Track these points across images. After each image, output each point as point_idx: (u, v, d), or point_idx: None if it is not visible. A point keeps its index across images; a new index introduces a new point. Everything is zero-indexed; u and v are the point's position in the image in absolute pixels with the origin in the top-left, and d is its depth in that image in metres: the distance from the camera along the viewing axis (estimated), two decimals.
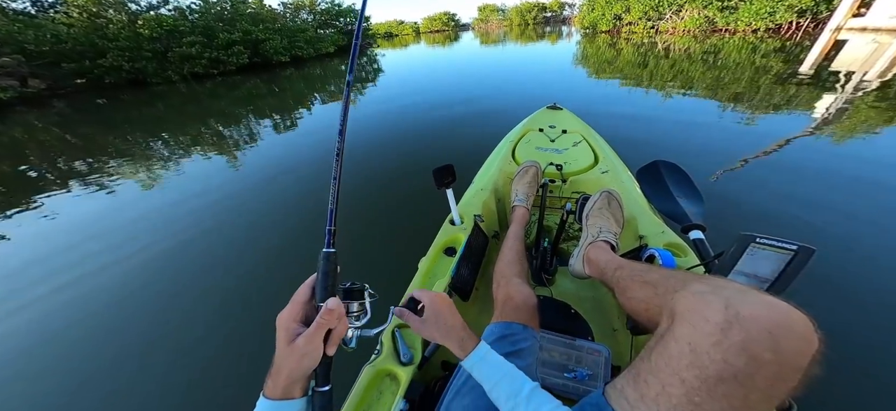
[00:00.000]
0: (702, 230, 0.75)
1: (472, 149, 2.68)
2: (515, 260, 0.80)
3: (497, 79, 6.15)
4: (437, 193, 0.97)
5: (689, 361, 0.32)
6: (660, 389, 0.33)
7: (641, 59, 7.03)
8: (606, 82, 5.01)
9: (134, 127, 5.25)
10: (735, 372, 0.29)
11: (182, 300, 1.51)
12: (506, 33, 23.18)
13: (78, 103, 7.88)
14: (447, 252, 0.93)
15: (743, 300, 0.31)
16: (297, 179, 2.69)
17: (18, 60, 8.99)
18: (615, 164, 1.24)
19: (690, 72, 5.24)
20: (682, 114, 3.23)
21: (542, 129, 1.54)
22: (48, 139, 4.90)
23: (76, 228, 2.25)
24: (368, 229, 1.86)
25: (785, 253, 0.47)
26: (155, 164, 3.38)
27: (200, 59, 11.36)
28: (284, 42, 13.81)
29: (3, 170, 3.68)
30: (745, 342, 0.29)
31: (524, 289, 0.70)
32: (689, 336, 0.33)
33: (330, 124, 4.31)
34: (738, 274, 0.51)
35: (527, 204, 1.02)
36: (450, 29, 46.58)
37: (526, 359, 0.57)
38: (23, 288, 1.69)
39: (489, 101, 4.40)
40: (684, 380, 0.31)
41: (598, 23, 15.84)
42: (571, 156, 1.28)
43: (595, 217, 0.82)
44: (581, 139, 1.40)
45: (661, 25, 13.47)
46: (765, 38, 9.01)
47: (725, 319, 0.31)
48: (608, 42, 11.16)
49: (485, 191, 1.15)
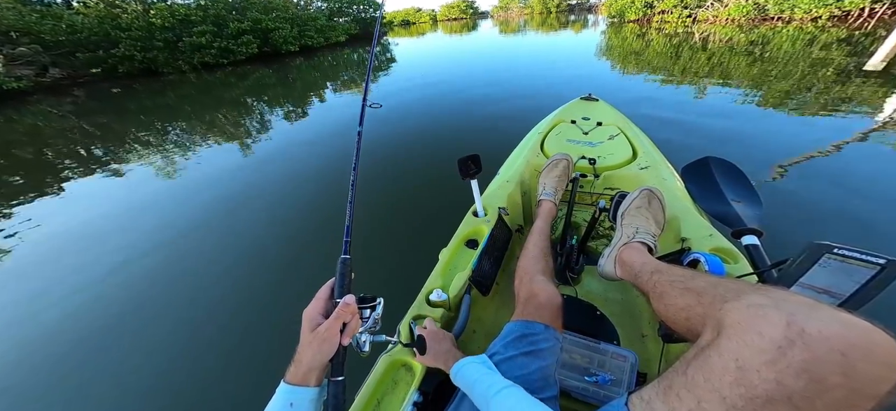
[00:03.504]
0: (758, 235, 0.72)
1: (494, 140, 2.76)
2: (540, 256, 0.79)
3: (517, 68, 6.15)
4: (459, 183, 1.00)
5: (734, 378, 0.30)
6: (694, 405, 0.32)
7: (673, 50, 6.83)
8: (632, 76, 4.92)
9: (148, 115, 5.62)
10: (790, 395, 0.27)
11: (200, 290, 1.64)
12: (526, 22, 22.93)
13: (94, 92, 8.47)
14: (469, 244, 0.95)
15: (810, 315, 0.28)
16: (314, 169, 2.83)
17: (35, 50, 9.73)
18: (656, 160, 1.19)
19: (731, 65, 5.04)
20: (719, 112, 3.14)
21: (575, 121, 1.52)
22: (64, 127, 5.31)
23: (90, 219, 2.45)
24: (390, 218, 1.97)
25: (869, 267, 0.42)
26: (170, 153, 3.62)
27: (210, 49, 11.91)
28: (294, 31, 14.25)
29: (22, 157, 4.02)
30: (807, 362, 0.27)
31: (548, 288, 0.69)
32: (738, 351, 0.30)
33: (341, 113, 4.47)
34: (804, 287, 0.47)
35: (554, 198, 1.01)
36: (468, 17, 46.52)
37: (545, 360, 0.58)
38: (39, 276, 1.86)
39: (508, 91, 4.43)
40: (725, 398, 0.30)
41: (626, 11, 15.39)
42: (606, 149, 1.25)
43: (632, 216, 0.80)
44: (618, 132, 1.36)
45: (700, 14, 12.87)
46: (827, 27, 8.46)
47: (785, 336, 0.28)
48: (636, 32, 10.88)
49: (510, 183, 1.16)
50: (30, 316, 1.56)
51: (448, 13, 48.84)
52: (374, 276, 1.54)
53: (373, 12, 22.29)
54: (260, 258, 1.79)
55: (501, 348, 0.60)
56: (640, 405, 0.36)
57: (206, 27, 11.88)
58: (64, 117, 5.98)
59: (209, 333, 1.39)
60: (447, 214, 1.19)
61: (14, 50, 9.42)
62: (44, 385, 1.25)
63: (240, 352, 1.30)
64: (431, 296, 0.77)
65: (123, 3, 11.38)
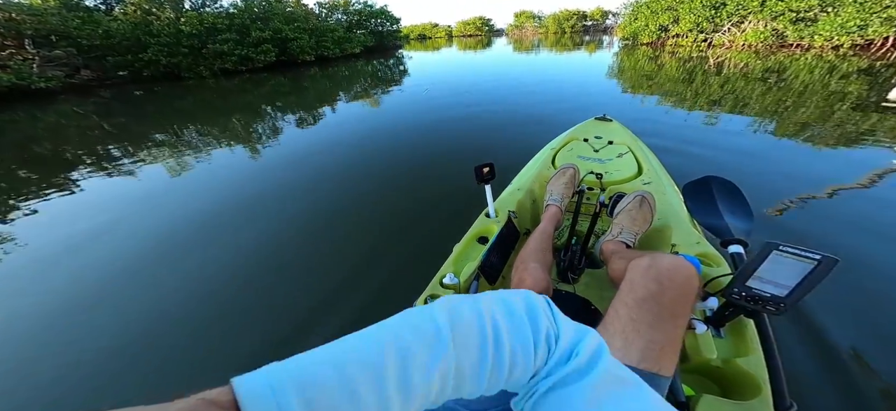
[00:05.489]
0: (743, 245, 0.83)
1: (507, 153, 2.98)
2: (538, 249, 0.89)
3: (531, 87, 6.24)
4: (473, 191, 1.16)
5: (628, 289, 0.56)
6: (614, 315, 0.54)
7: (686, 75, 6.78)
8: (642, 98, 4.91)
9: (166, 118, 5.88)
10: (652, 293, 0.53)
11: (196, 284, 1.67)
12: (540, 41, 23.14)
13: (119, 94, 8.96)
14: (480, 240, 1.06)
15: (661, 257, 0.59)
16: (321, 176, 2.96)
17: (71, 53, 10.40)
18: (660, 177, 1.30)
19: (745, 92, 4.97)
20: (729, 139, 3.10)
21: (588, 139, 1.63)
22: (85, 126, 5.60)
23: (95, 208, 2.55)
24: (409, 212, 2.20)
25: (808, 261, 0.53)
26: (183, 155, 3.78)
27: (231, 56, 12.49)
28: (312, 41, 14.84)
29: (39, 153, 4.25)
30: (657, 274, 0.55)
31: (538, 274, 0.77)
32: (631, 276, 0.58)
33: (354, 123, 4.61)
34: (756, 279, 0.58)
35: (560, 204, 1.11)
36: (483, 34, 47.60)
37: None
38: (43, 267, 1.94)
39: (521, 108, 4.51)
40: (626, 303, 0.54)
41: (640, 34, 15.34)
42: (614, 166, 1.37)
43: (622, 217, 0.98)
44: (627, 151, 1.47)
45: (715, 39, 12.75)
46: (848, 56, 8.30)
47: (649, 265, 0.57)
48: (649, 55, 10.89)
49: (521, 191, 1.29)
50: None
51: (464, 29, 50.11)
52: (395, 262, 1.72)
53: (390, 26, 23.07)
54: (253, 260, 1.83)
55: None
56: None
57: (230, 35, 12.50)
58: (86, 116, 6.33)
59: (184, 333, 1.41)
60: (460, 215, 1.35)
61: (50, 52, 10.11)
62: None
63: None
64: (444, 280, 0.87)
65: (158, 11, 12.13)
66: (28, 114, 6.53)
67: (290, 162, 3.37)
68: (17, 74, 8.44)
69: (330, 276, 1.66)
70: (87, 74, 11.28)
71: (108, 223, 2.39)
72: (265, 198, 2.59)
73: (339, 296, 1.53)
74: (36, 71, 9.20)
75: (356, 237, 2.00)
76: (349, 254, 1.83)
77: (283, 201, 2.51)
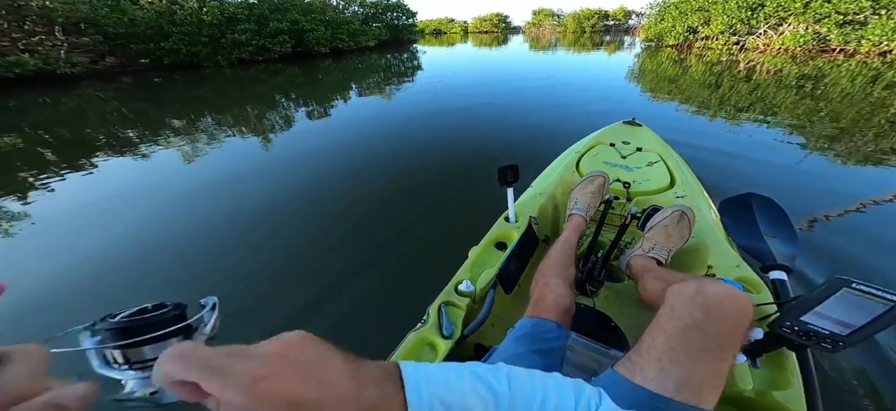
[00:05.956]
0: (786, 271, 0.77)
1: (526, 154, 2.86)
2: (560, 262, 0.85)
3: (541, 84, 6.09)
4: (491, 191, 1.11)
5: (668, 316, 0.51)
6: (650, 342, 0.50)
7: (713, 79, 6.43)
8: (663, 102, 4.70)
9: (184, 105, 5.99)
10: (697, 322, 0.48)
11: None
12: (557, 40, 22.56)
13: (139, 80, 9.22)
14: (498, 245, 1.03)
15: (709, 284, 0.53)
16: (332, 166, 2.99)
17: (97, 40, 10.74)
18: (694, 190, 1.22)
19: (777, 99, 4.67)
20: (755, 149, 2.91)
21: (614, 144, 1.54)
22: (106, 110, 5.75)
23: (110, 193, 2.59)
24: (425, 214, 2.13)
25: (881, 303, 0.48)
26: (198, 141, 3.85)
27: (248, 46, 12.66)
28: (328, 33, 14.91)
29: (62, 134, 4.37)
30: (704, 303, 0.49)
31: (560, 290, 0.73)
32: (672, 301, 0.53)
33: (367, 117, 4.61)
34: (814, 314, 0.53)
35: (585, 214, 1.05)
36: (499, 31, 47.00)
37: (552, 359, 0.62)
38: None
39: (539, 110, 4.39)
40: (665, 330, 0.50)
41: (665, 35, 14.63)
42: (643, 175, 1.29)
43: (655, 231, 0.91)
44: (658, 159, 1.39)
45: (749, 42, 12.03)
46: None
47: (696, 290, 0.51)
48: (673, 57, 10.45)
49: (543, 196, 1.24)
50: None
51: (480, 26, 49.61)
52: (411, 264, 1.69)
53: (405, 20, 23.00)
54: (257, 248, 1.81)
55: (512, 343, 0.65)
56: (620, 363, 0.51)
57: (248, 25, 12.68)
58: (107, 101, 6.51)
59: None
60: (478, 216, 1.30)
61: (78, 39, 10.46)
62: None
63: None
64: (460, 287, 0.84)
65: (182, 0, 12.40)
66: (52, 99, 6.76)
67: (298, 157, 3.36)
68: (44, 59, 8.75)
69: (331, 272, 1.62)
70: (111, 61, 11.64)
71: (128, 196, 2.42)
72: (271, 194, 2.56)
73: (340, 294, 1.48)
74: (63, 57, 9.54)
75: (366, 233, 1.95)
76: (359, 250, 1.78)
77: (286, 199, 2.46)
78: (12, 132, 4.48)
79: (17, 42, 8.81)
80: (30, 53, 8.79)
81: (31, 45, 9.04)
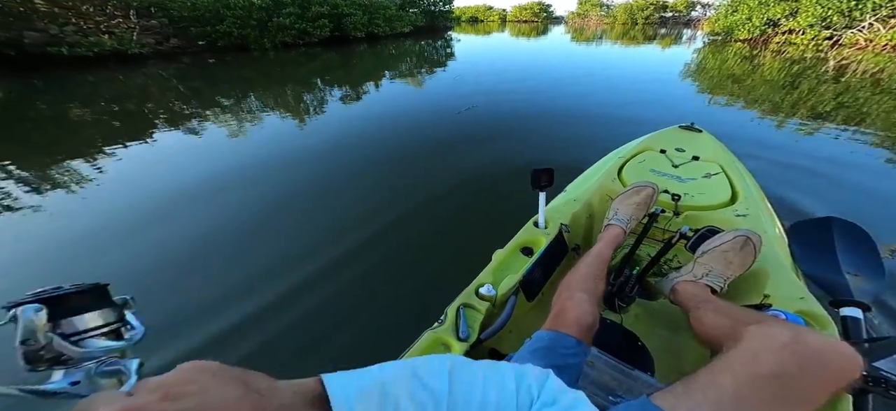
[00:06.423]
0: (863, 309, 0.70)
1: (561, 156, 2.72)
2: (589, 276, 0.78)
3: (581, 79, 5.76)
4: (519, 193, 1.06)
5: (746, 360, 0.44)
6: (708, 381, 0.43)
7: (789, 79, 5.61)
8: (720, 104, 4.24)
9: (233, 85, 6.45)
10: (786, 372, 0.41)
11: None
12: (603, 32, 20.76)
13: (196, 61, 10.02)
14: (523, 251, 0.98)
15: (810, 333, 0.46)
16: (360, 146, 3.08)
17: (163, 23, 11.77)
18: (759, 209, 1.08)
19: (869, 106, 3.96)
20: (837, 162, 2.47)
21: (665, 151, 1.41)
22: (166, 87, 6.35)
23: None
24: (448, 213, 2.07)
25: None
26: (243, 118, 4.15)
27: (292, 30, 13.24)
28: (365, 18, 15.16)
29: (127, 108, 4.90)
30: (800, 354, 0.42)
31: (584, 306, 0.68)
32: (755, 346, 0.44)
33: (394, 103, 4.68)
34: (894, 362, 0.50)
35: (626, 226, 0.96)
36: (540, 20, 44.84)
37: (569, 375, 0.57)
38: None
39: (578, 107, 4.20)
40: (735, 373, 0.43)
41: (737, 28, 12.81)
42: (697, 188, 1.16)
43: (713, 257, 0.79)
44: (719, 171, 1.24)
45: (846, 36, 10.03)
46: None
47: (792, 338, 0.43)
48: (744, 53, 9.28)
49: (578, 202, 1.17)
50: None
51: (519, 14, 47.69)
52: (429, 261, 1.68)
53: (442, 6, 22.70)
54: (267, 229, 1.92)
55: (527, 355, 0.61)
56: (660, 396, 0.44)
57: (292, 9, 13.24)
58: (167, 79, 7.17)
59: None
60: (504, 218, 1.28)
61: (148, 21, 11.55)
62: None
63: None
64: (481, 290, 0.81)
65: None
66: (124, 76, 7.56)
67: (331, 142, 3.46)
68: (118, 40, 9.77)
69: (351, 263, 1.63)
70: (174, 43, 12.75)
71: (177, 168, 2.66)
72: (292, 183, 2.52)
73: (357, 287, 1.50)
74: (135, 38, 10.59)
75: (388, 228, 1.90)
76: (378, 244, 1.77)
77: (316, 191, 2.40)
78: (91, 104, 5.09)
79: (99, 24, 9.91)
80: (108, 35, 9.85)
81: (111, 27, 10.11)
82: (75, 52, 8.53)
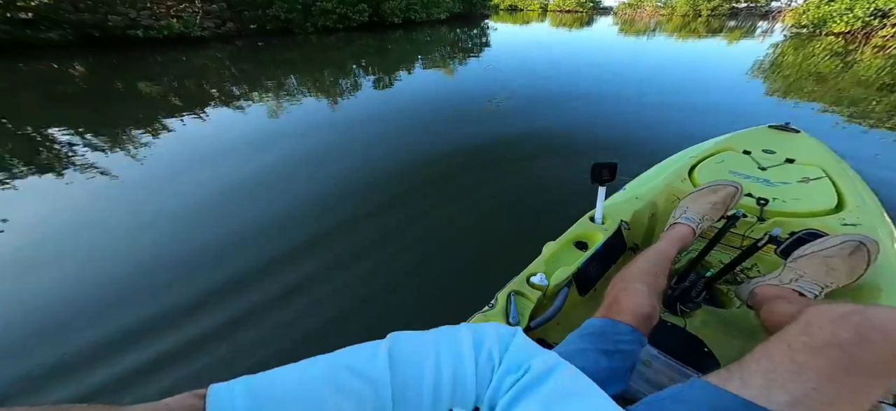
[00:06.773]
0: None
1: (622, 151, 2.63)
2: (649, 270, 0.71)
3: (631, 76, 5.45)
4: (576, 187, 1.06)
5: (798, 331, 0.42)
6: (762, 353, 0.42)
7: (891, 79, 4.81)
8: (794, 105, 3.79)
9: (277, 67, 6.94)
10: (842, 341, 0.38)
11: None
12: (657, 24, 18.76)
13: (247, 44, 10.82)
14: (577, 245, 0.96)
15: (873, 307, 0.40)
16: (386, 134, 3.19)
17: (222, 7, 12.74)
18: (873, 219, 0.94)
19: None
20: None
21: (750, 152, 1.28)
22: (220, 68, 6.98)
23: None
24: (501, 196, 2.08)
25: None
26: (282, 98, 4.51)
27: (333, 14, 13.73)
28: (402, 3, 15.29)
29: (189, 87, 5.48)
30: (859, 324, 0.38)
31: (641, 298, 0.62)
32: (811, 317, 0.42)
33: (430, 89, 4.81)
34: None
35: (696, 226, 0.86)
36: (584, 11, 42.02)
37: (620, 363, 0.54)
38: None
39: (617, 97, 4.10)
40: (789, 343, 0.41)
41: (831, 20, 11.07)
42: (791, 192, 1.03)
43: (811, 262, 0.69)
44: (822, 175, 1.10)
45: None
46: None
47: (852, 309, 0.40)
48: (835, 48, 8.06)
49: (640, 200, 1.10)
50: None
51: (561, 3, 45.04)
52: (483, 244, 1.68)
53: None
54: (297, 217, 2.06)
55: (576, 339, 0.58)
56: (717, 374, 0.43)
57: None
58: (222, 61, 7.86)
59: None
60: (557, 211, 1.28)
61: (209, 6, 12.58)
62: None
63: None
64: (533, 279, 0.80)
65: None
66: (187, 56, 8.38)
67: (371, 129, 3.42)
68: (184, 24, 10.79)
69: (405, 250, 1.66)
70: (230, 27, 13.80)
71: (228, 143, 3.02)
72: (332, 178, 2.49)
73: (411, 270, 1.53)
74: (198, 22, 11.61)
75: (435, 215, 1.91)
76: (422, 230, 1.77)
77: (357, 175, 2.42)
78: (160, 82, 5.78)
79: (169, 8, 10.98)
80: (176, 18, 10.89)
81: (179, 11, 11.17)
82: (148, 35, 9.59)
